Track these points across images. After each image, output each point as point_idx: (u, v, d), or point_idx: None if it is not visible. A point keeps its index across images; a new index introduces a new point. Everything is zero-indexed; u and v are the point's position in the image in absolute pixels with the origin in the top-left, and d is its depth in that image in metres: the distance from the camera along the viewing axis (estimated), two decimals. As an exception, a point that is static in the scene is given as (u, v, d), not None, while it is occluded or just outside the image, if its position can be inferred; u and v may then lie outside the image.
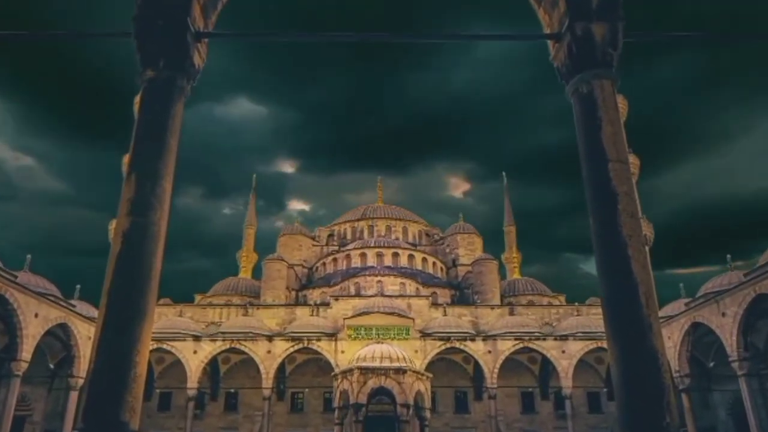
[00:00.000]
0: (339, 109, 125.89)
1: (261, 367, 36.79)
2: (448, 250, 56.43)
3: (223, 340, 37.60)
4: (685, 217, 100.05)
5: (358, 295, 45.07)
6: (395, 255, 52.15)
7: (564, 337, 37.77)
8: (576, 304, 44.92)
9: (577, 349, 37.08)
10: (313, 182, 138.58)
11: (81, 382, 30.08)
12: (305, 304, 47.06)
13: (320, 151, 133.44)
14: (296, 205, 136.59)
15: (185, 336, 37.58)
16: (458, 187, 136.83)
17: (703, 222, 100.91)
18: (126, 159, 6.02)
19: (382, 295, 42.88)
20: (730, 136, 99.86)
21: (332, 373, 34.24)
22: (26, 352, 26.08)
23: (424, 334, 38.69)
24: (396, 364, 31.63)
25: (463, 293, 50.80)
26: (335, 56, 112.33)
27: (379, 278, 47.15)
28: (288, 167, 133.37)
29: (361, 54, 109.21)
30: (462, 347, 37.97)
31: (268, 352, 37.18)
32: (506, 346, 37.50)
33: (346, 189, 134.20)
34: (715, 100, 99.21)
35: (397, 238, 56.45)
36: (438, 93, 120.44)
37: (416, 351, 37.14)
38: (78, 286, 37.40)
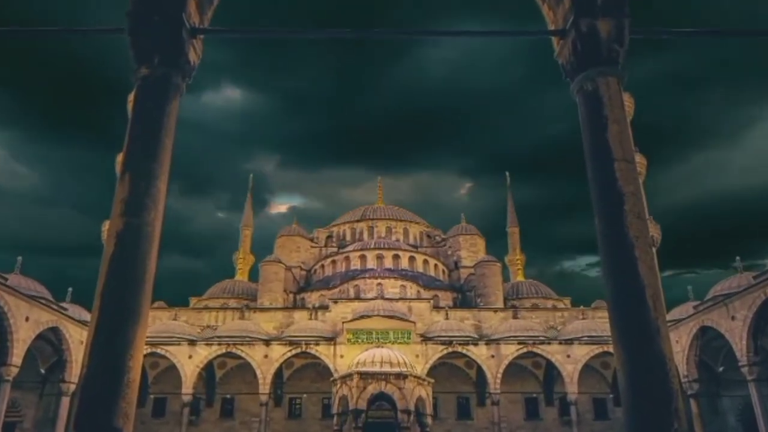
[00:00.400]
0: (332, 101, 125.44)
1: (258, 372, 36.80)
2: (450, 252, 56.45)
3: (219, 345, 37.60)
4: (692, 217, 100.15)
5: (357, 298, 45.07)
6: (396, 257, 52.18)
7: (569, 342, 37.75)
8: (581, 307, 44.90)
9: (582, 353, 37.07)
10: (300, 178, 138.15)
11: (73, 387, 30.10)
12: (303, 307, 47.07)
13: (308, 146, 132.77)
14: (282, 202, 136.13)
15: (180, 340, 37.59)
16: (459, 186, 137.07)
17: (711, 222, 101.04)
18: (120, 158, 6.03)
19: (383, 298, 42.89)
20: (738, 132, 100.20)
21: (331, 379, 34.25)
22: (17, 356, 26.07)
23: (426, 338, 38.69)
24: (396, 369, 31.63)
25: (465, 296, 50.82)
26: (326, 46, 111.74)
27: (379, 281, 47.17)
28: (272, 162, 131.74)
29: (354, 46, 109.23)
30: (464, 352, 37.97)
31: (265, 356, 37.19)
32: (510, 351, 37.50)
33: (343, 185, 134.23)
34: (721, 95, 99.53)
35: (397, 240, 56.48)
36: (438, 88, 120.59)
37: (417, 355, 37.15)
38: (70, 289, 37.47)
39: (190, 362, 36.68)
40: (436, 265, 53.92)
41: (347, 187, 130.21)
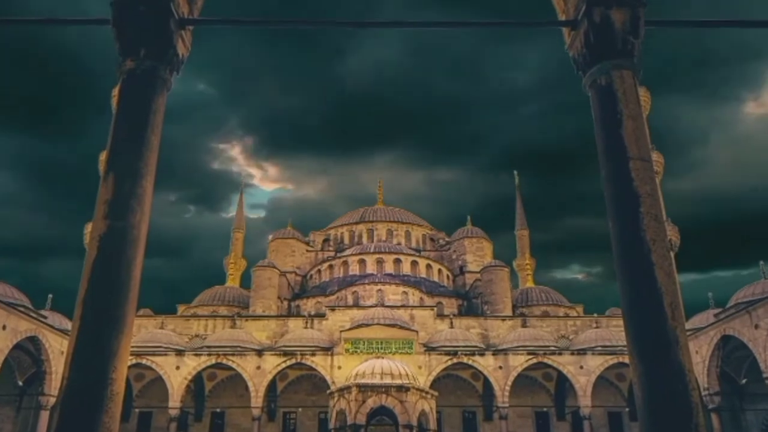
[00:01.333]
0: (321, 91, 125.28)
1: (250, 385, 36.77)
2: (454, 256, 56.45)
3: (209, 355, 37.58)
4: (710, 217, 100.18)
5: (356, 305, 45.08)
6: (397, 261, 52.18)
7: (582, 352, 37.73)
8: (595, 315, 44.93)
9: (596, 364, 37.04)
10: (282, 169, 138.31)
11: (52, 400, 30.08)
12: (298, 315, 47.08)
13: (301, 137, 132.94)
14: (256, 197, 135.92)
15: (167, 350, 37.57)
16: (462, 185, 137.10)
17: (730, 223, 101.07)
18: (103, 157, 6.04)
19: (383, 306, 42.89)
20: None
21: (328, 391, 34.23)
22: (-7, 367, 26.08)
23: (429, 348, 38.69)
24: (398, 381, 31.61)
25: (471, 303, 50.79)
26: (318, 34, 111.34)
27: (379, 287, 47.16)
28: (243, 152, 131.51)
29: (348, 36, 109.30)
30: (470, 362, 37.95)
31: (258, 367, 37.16)
32: (519, 362, 37.47)
33: (338, 179, 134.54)
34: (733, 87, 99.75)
35: (399, 243, 56.49)
36: (441, 81, 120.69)
37: (420, 366, 37.13)
38: (50, 296, 37.57)
39: (177, 374, 36.64)
40: (440, 270, 53.91)
41: (343, 181, 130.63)
